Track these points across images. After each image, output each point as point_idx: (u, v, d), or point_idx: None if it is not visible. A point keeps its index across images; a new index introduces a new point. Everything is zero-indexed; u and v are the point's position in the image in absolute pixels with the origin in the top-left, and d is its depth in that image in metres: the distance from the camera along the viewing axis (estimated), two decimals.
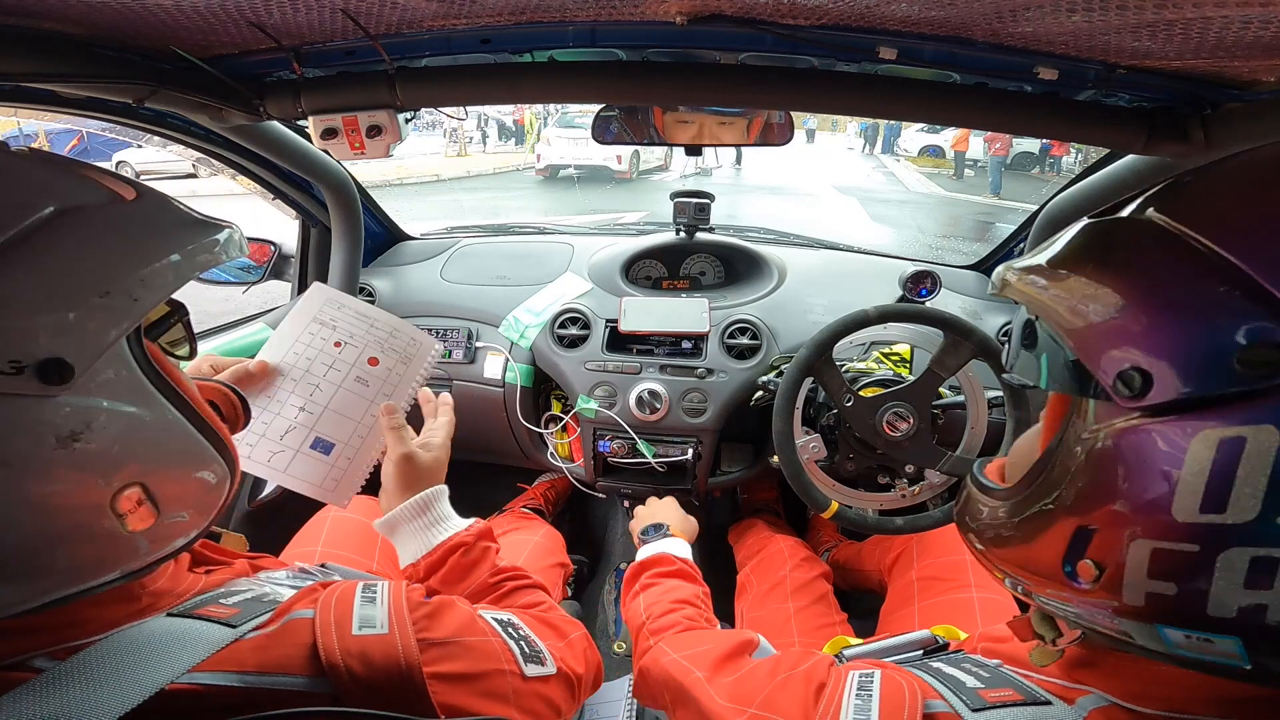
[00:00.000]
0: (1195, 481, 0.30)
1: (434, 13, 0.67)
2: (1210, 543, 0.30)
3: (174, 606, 0.45)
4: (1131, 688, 0.38)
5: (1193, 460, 0.30)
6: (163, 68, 0.75)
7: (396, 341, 0.79)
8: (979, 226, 7.94)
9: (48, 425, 0.34)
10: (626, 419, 1.27)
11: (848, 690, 0.46)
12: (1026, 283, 0.39)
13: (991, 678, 0.44)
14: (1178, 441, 0.31)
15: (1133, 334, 0.32)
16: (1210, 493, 0.30)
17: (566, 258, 1.51)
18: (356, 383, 0.77)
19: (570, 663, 0.59)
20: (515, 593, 0.69)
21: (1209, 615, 0.31)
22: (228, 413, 0.61)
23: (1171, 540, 0.31)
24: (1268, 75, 0.65)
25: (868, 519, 1.05)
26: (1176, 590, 0.32)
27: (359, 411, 0.76)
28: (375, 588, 0.50)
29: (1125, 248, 0.36)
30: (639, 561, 0.93)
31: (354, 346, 0.77)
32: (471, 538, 0.70)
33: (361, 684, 0.42)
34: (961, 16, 0.61)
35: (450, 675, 0.47)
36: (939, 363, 1.02)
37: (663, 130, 1.12)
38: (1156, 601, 0.33)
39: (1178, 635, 0.33)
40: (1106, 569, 0.34)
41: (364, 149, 0.86)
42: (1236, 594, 0.30)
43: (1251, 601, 0.30)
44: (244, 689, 0.40)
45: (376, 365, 0.77)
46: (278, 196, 1.34)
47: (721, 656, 0.63)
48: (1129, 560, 0.33)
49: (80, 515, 0.36)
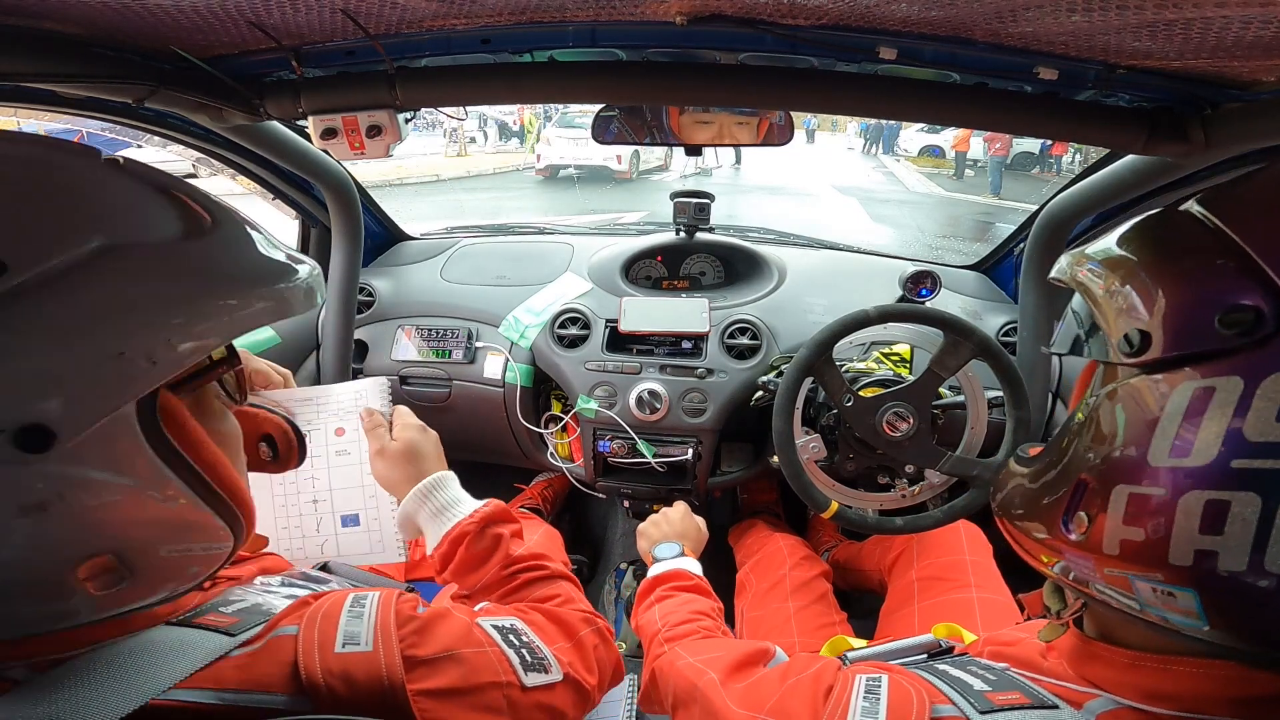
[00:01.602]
0: (1170, 426, 0.34)
1: (434, 13, 0.67)
2: (1175, 487, 0.33)
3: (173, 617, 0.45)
4: (1144, 687, 0.38)
5: (1171, 408, 0.34)
6: (163, 68, 0.75)
7: (344, 403, 0.81)
8: (979, 226, 7.94)
9: (11, 491, 0.31)
10: (626, 419, 1.27)
11: (855, 694, 0.46)
12: (1074, 263, 0.45)
13: (998, 681, 0.44)
14: (1162, 391, 0.35)
15: (1139, 300, 0.37)
16: (1180, 438, 0.34)
17: (566, 258, 1.51)
18: (339, 456, 0.79)
19: (579, 668, 0.57)
20: (529, 586, 0.67)
21: (1170, 563, 0.34)
22: (282, 449, 0.57)
23: (1145, 484, 0.35)
24: (1268, 75, 0.65)
25: (868, 519, 1.05)
26: (1144, 536, 0.35)
27: (358, 477, 0.79)
28: (364, 600, 0.49)
29: (1153, 230, 0.40)
30: (654, 576, 0.93)
31: (316, 429, 0.79)
32: (475, 526, 0.67)
33: (342, 703, 0.41)
34: (961, 17, 0.61)
35: (440, 691, 0.46)
36: (939, 363, 1.02)
37: (678, 131, 1.11)
38: (1129, 549, 0.36)
39: (1146, 589, 0.36)
40: (1094, 519, 0.38)
41: (364, 149, 0.86)
42: (1192, 539, 0.33)
43: (1205, 547, 0.33)
44: (223, 706, 0.39)
45: (344, 434, 0.80)
46: (278, 196, 1.34)
47: (736, 663, 0.62)
48: (1110, 507, 0.36)
49: (37, 572, 0.33)
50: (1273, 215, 0.34)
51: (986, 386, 1.07)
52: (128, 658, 0.38)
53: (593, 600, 1.57)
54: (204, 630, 0.43)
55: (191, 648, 0.41)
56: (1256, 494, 0.31)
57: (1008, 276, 1.45)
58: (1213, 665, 0.36)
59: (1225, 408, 0.32)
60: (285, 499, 0.79)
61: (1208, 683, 0.36)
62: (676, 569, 0.93)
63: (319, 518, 0.78)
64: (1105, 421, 0.38)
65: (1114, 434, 0.37)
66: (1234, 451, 0.32)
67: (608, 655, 0.63)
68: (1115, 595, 0.38)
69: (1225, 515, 0.32)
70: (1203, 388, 0.33)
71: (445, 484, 0.70)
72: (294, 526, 0.79)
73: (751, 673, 0.61)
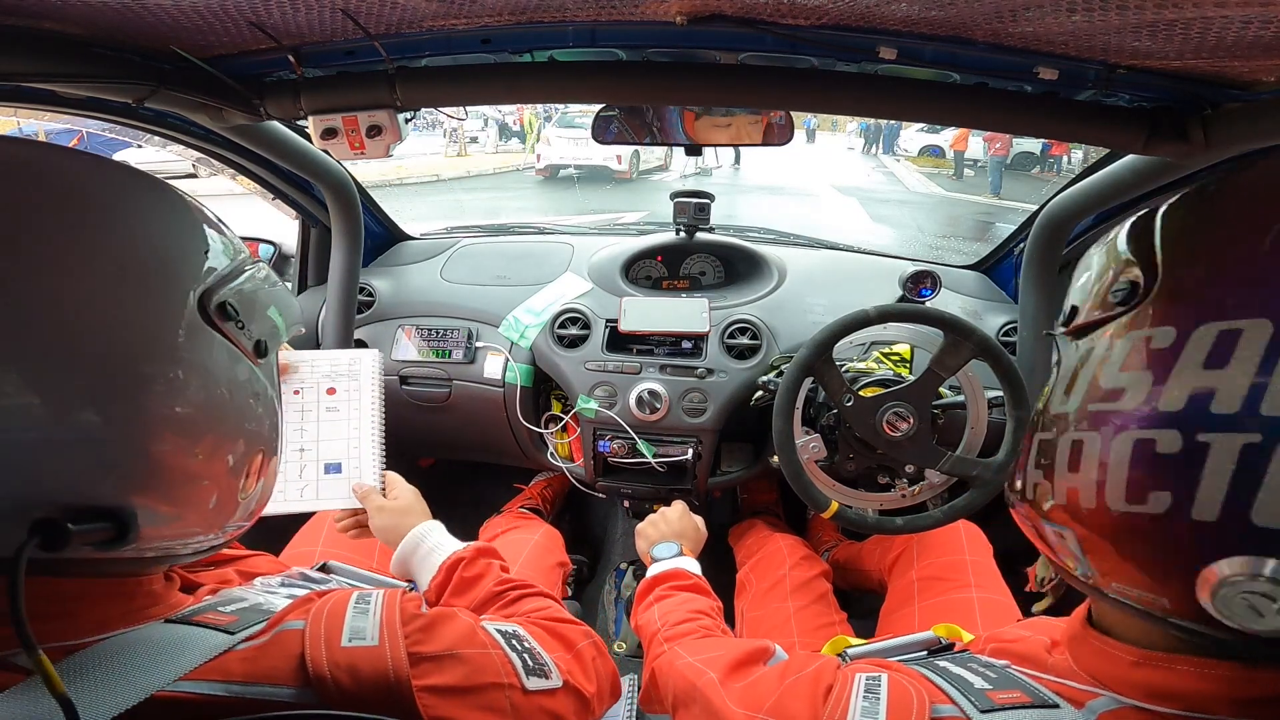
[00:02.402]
0: (1110, 372, 0.38)
1: (434, 12, 0.67)
2: (1108, 430, 0.37)
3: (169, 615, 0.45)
4: (1148, 685, 0.38)
5: (1067, 364, 0.41)
6: (163, 68, 0.75)
7: (338, 367, 0.88)
8: (979, 226, 7.94)
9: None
10: (626, 419, 1.27)
11: (855, 692, 0.46)
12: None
13: (999, 679, 0.44)
14: (1117, 342, 0.38)
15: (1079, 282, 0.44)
16: (1111, 380, 0.37)
17: (566, 258, 1.51)
18: (329, 412, 0.87)
19: (579, 677, 0.58)
20: (522, 600, 0.69)
21: (1048, 506, 0.40)
22: None
23: (1083, 429, 0.39)
24: (1268, 75, 0.65)
25: (868, 519, 1.05)
26: (1041, 479, 0.41)
27: (344, 430, 0.86)
28: (369, 598, 0.49)
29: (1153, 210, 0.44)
30: (653, 576, 0.93)
31: (309, 388, 0.87)
32: (470, 553, 0.74)
33: (348, 696, 0.42)
34: (961, 16, 0.61)
35: (443, 688, 0.47)
36: (939, 363, 1.02)
37: (694, 135, 1.11)
38: (1072, 497, 0.39)
39: (1053, 535, 0.41)
40: (1054, 470, 0.41)
41: (364, 149, 0.86)
42: (1065, 478, 0.39)
43: (1072, 484, 0.38)
44: (230, 698, 0.39)
45: (335, 394, 0.87)
46: (278, 196, 1.34)
47: (736, 662, 0.62)
48: (1057, 455, 0.40)
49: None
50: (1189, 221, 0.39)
51: (986, 386, 1.07)
52: (131, 652, 0.39)
53: (593, 600, 1.57)
54: (203, 628, 0.43)
55: (192, 644, 0.41)
56: (1096, 434, 0.37)
57: (1008, 276, 1.45)
58: (1216, 665, 0.36)
59: (1138, 353, 0.36)
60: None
61: (1210, 682, 0.36)
62: (675, 568, 0.93)
63: (303, 465, 0.84)
64: (1074, 377, 0.42)
65: (1075, 386, 0.41)
66: (1089, 397, 0.38)
67: (605, 668, 0.63)
68: (1074, 567, 0.41)
69: (1081, 453, 0.38)
70: (1125, 337, 0.38)
71: (434, 530, 0.79)
72: (279, 469, 0.84)
73: (751, 672, 0.61)
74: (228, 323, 0.42)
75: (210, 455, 0.41)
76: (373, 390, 0.87)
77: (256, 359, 0.46)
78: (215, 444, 0.42)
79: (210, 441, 0.41)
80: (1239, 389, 0.31)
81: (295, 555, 1.01)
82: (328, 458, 0.85)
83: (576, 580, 1.60)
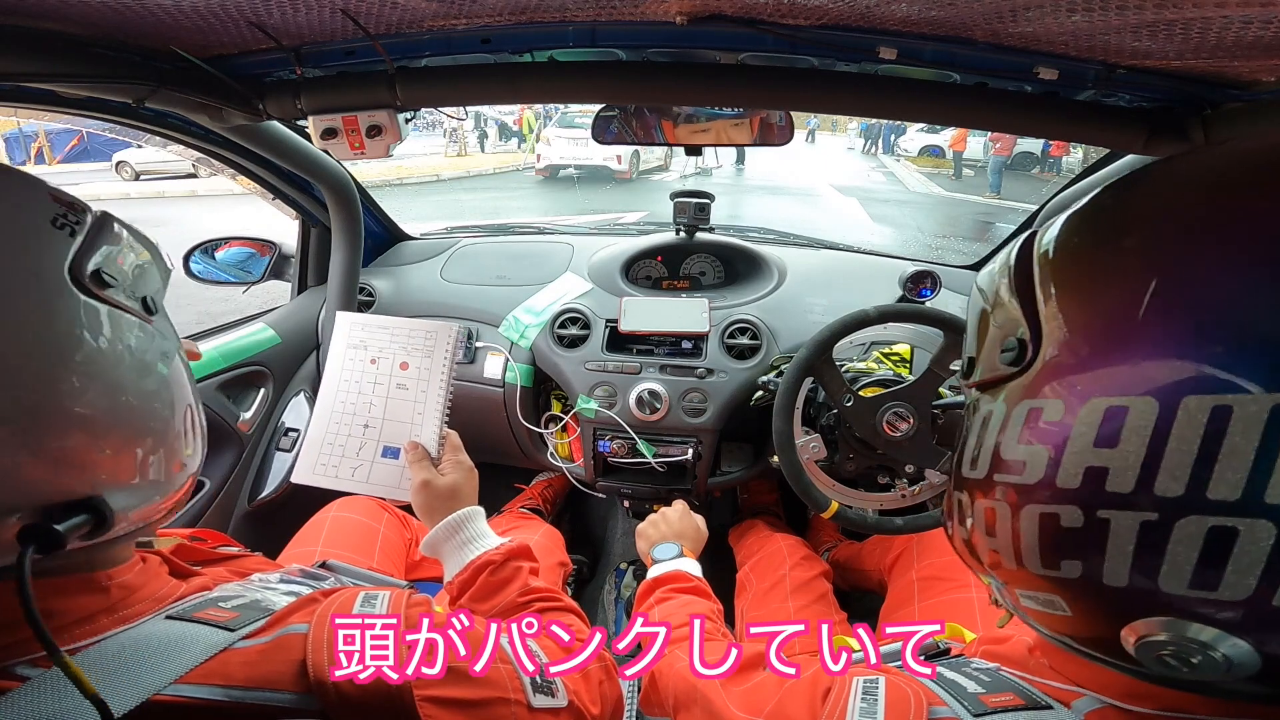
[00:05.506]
0: (1009, 444, 0.38)
1: (434, 13, 0.67)
2: (1016, 502, 0.37)
3: (166, 608, 0.45)
4: (1123, 686, 0.38)
5: (974, 425, 0.43)
6: (163, 68, 0.75)
7: (415, 340, 0.85)
8: (979, 226, 7.94)
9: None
10: (626, 419, 1.27)
11: (852, 695, 0.46)
12: None
13: (992, 682, 0.44)
14: (1013, 411, 0.39)
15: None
16: (1011, 452, 0.38)
17: (566, 258, 1.51)
18: (399, 389, 0.84)
19: (584, 699, 0.57)
20: (542, 615, 0.67)
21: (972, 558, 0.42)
22: None
23: (993, 498, 0.39)
24: (1268, 75, 0.65)
25: (868, 519, 1.05)
26: (999, 545, 0.40)
27: (408, 414, 0.83)
28: (375, 599, 0.49)
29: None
30: (653, 578, 0.92)
31: (386, 358, 0.85)
32: (501, 556, 0.70)
33: (349, 704, 0.41)
34: (961, 16, 0.61)
35: (446, 700, 0.46)
36: (939, 363, 1.02)
37: (674, 139, 1.12)
38: (994, 558, 0.40)
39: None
40: (975, 531, 0.42)
41: (364, 149, 0.86)
42: (1036, 557, 0.37)
43: (992, 546, 0.40)
44: (230, 703, 0.39)
45: (408, 369, 0.84)
46: (278, 196, 1.34)
47: (738, 665, 0.62)
48: (974, 519, 0.42)
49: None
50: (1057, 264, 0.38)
51: None
52: (129, 652, 0.39)
53: (593, 600, 1.57)
54: (203, 625, 0.43)
55: (191, 642, 0.41)
56: (1006, 505, 0.37)
57: None
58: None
59: (994, 426, 0.38)
60: (342, 415, 0.84)
61: (1180, 691, 0.36)
62: (676, 570, 0.93)
63: (363, 442, 0.82)
64: (963, 449, 0.44)
65: (961, 458, 0.43)
66: (994, 467, 0.38)
67: (611, 691, 0.63)
68: (1002, 598, 0.44)
69: (995, 520, 0.39)
70: (990, 410, 0.39)
71: (475, 518, 0.75)
72: (339, 443, 0.83)
73: (753, 675, 0.61)
74: (107, 290, 0.41)
75: (143, 422, 0.43)
76: (444, 369, 0.84)
77: (149, 317, 0.45)
78: (142, 413, 0.43)
79: (135, 411, 0.42)
80: (1131, 470, 0.31)
81: (295, 555, 1.01)
82: (388, 440, 0.82)
83: (576, 580, 1.60)
